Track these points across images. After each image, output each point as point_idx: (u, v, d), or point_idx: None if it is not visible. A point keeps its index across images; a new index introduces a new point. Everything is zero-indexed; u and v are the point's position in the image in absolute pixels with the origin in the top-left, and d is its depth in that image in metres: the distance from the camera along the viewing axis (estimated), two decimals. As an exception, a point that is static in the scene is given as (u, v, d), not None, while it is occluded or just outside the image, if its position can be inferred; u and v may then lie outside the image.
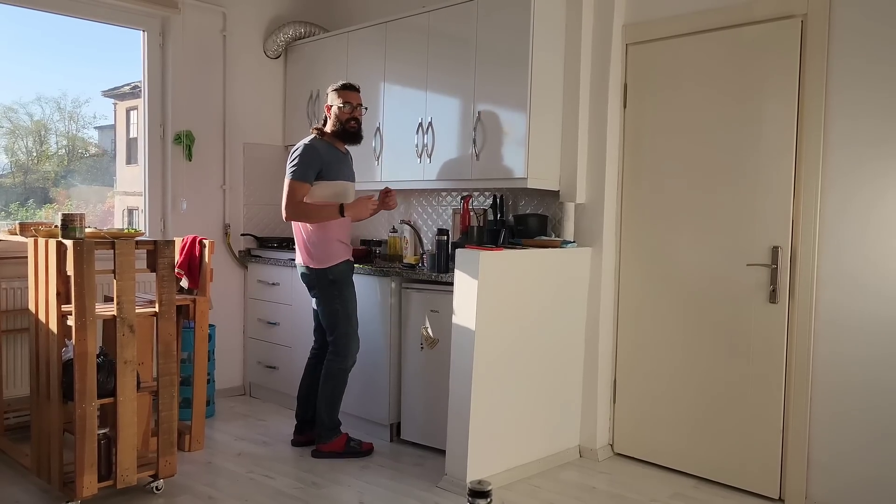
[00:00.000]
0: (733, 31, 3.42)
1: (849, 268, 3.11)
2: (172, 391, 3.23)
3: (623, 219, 3.83)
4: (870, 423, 3.06)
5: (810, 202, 3.20)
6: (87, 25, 4.42)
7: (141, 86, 4.62)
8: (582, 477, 3.59)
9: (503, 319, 3.43)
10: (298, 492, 3.33)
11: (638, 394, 3.80)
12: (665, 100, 3.66)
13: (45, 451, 3.16)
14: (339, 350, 3.74)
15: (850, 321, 3.11)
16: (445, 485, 3.39)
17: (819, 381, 3.19)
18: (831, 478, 3.16)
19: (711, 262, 3.52)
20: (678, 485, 3.50)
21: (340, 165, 3.74)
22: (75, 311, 2.90)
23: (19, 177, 4.50)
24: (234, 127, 4.91)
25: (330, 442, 3.74)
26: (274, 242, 4.93)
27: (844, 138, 3.11)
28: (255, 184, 5.04)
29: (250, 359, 4.96)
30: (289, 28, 4.96)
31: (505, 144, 3.76)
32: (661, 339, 3.70)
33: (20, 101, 4.37)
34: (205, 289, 3.73)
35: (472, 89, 3.89)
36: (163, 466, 3.22)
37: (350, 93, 3.74)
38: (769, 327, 3.32)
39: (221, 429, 4.23)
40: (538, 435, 3.65)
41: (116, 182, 4.85)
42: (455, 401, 3.37)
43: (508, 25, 3.71)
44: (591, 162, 3.81)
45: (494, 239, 3.85)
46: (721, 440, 3.48)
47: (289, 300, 4.60)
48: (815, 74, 3.17)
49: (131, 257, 3.03)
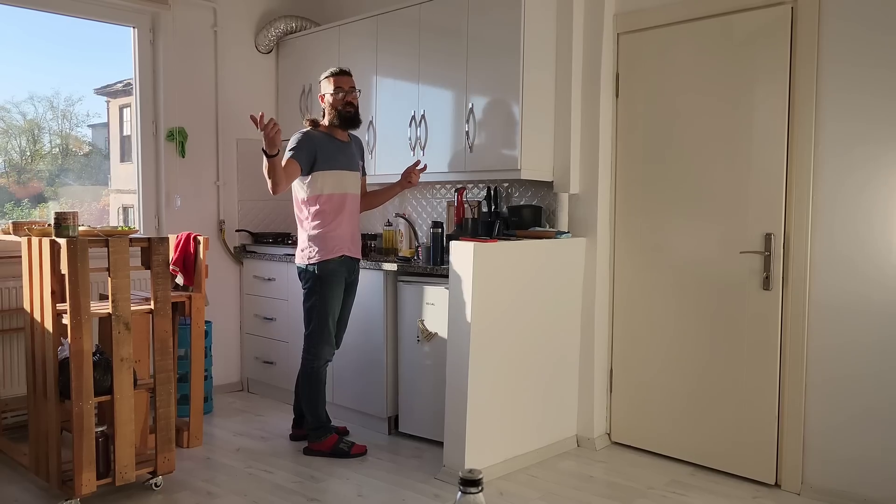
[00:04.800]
0: (724, 19, 3.42)
1: (842, 253, 3.12)
2: (170, 388, 3.24)
3: (617, 208, 3.84)
4: (865, 408, 3.08)
5: (802, 188, 3.20)
6: (78, 23, 4.40)
7: (133, 83, 4.61)
8: (579, 466, 3.60)
9: (499, 311, 3.43)
10: (297, 486, 3.35)
11: (634, 383, 3.81)
12: (657, 89, 3.66)
13: (43, 450, 3.16)
14: (309, 347, 3.72)
15: (843, 307, 3.12)
16: (444, 476, 3.40)
17: (813, 366, 3.21)
18: (827, 462, 3.18)
19: (705, 250, 3.52)
20: (675, 472, 3.52)
21: (337, 154, 3.67)
22: (70, 310, 2.90)
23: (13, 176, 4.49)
24: (226, 123, 4.90)
25: (318, 442, 3.73)
26: (269, 238, 4.93)
27: (835, 124, 3.11)
28: (249, 179, 5.03)
29: (247, 354, 4.96)
30: (280, 22, 4.94)
31: (498, 136, 3.76)
32: (657, 328, 3.71)
33: (12, 101, 4.36)
34: (200, 285, 3.73)
35: (465, 81, 3.89)
36: (161, 463, 3.22)
37: (341, 77, 3.68)
38: (763, 314, 3.34)
39: (219, 425, 4.24)
40: (535, 425, 3.67)
41: (111, 180, 4.84)
42: (452, 393, 3.38)
43: (500, 17, 3.70)
44: (584, 152, 3.81)
45: (489, 231, 3.85)
46: (717, 427, 3.50)
47: (285, 295, 4.61)
48: (805, 61, 3.17)
49: (125, 255, 3.03)
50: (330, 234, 3.65)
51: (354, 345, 4.08)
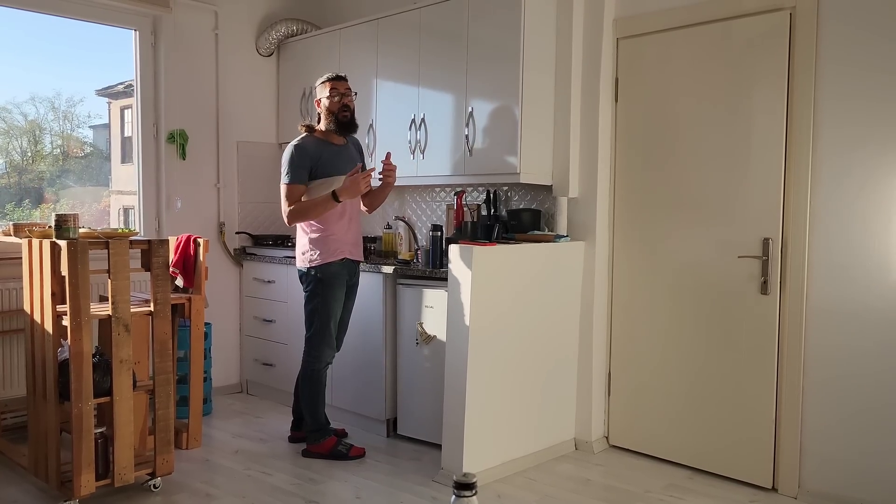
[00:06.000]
0: (723, 25, 3.43)
1: (839, 257, 3.13)
2: (169, 390, 3.25)
3: (616, 212, 3.85)
4: (861, 412, 3.09)
5: (800, 193, 3.21)
6: (79, 25, 4.42)
7: (134, 85, 4.62)
8: (577, 469, 3.61)
9: (497, 314, 3.44)
10: (295, 488, 3.35)
11: (632, 386, 3.82)
12: (656, 93, 3.67)
13: (42, 451, 3.17)
14: (310, 350, 3.73)
15: (841, 311, 3.13)
16: (442, 479, 3.41)
17: (811, 371, 3.22)
18: (824, 467, 3.19)
19: (704, 254, 3.53)
20: (672, 476, 3.52)
21: (334, 160, 3.68)
22: (70, 312, 2.91)
23: (14, 177, 4.50)
24: (227, 125, 4.91)
25: (317, 444, 3.74)
26: (269, 240, 4.94)
27: (833, 129, 3.13)
28: (250, 182, 5.05)
29: (247, 356, 4.97)
30: (281, 26, 4.96)
31: (498, 140, 3.77)
32: (655, 332, 3.72)
33: (14, 101, 4.37)
34: (200, 287, 3.73)
35: (465, 85, 3.90)
36: (160, 464, 3.23)
37: (336, 82, 3.67)
38: (761, 318, 3.34)
39: (218, 426, 4.24)
40: (533, 428, 3.67)
41: (112, 181, 4.85)
42: (450, 395, 3.39)
43: (499, 21, 3.71)
44: (583, 156, 3.82)
45: (488, 234, 3.86)
46: (715, 431, 3.51)
47: (284, 297, 4.62)
48: (804, 66, 3.18)
49: (125, 257, 3.04)
50: (331, 237, 3.66)
51: (354, 347, 4.08)
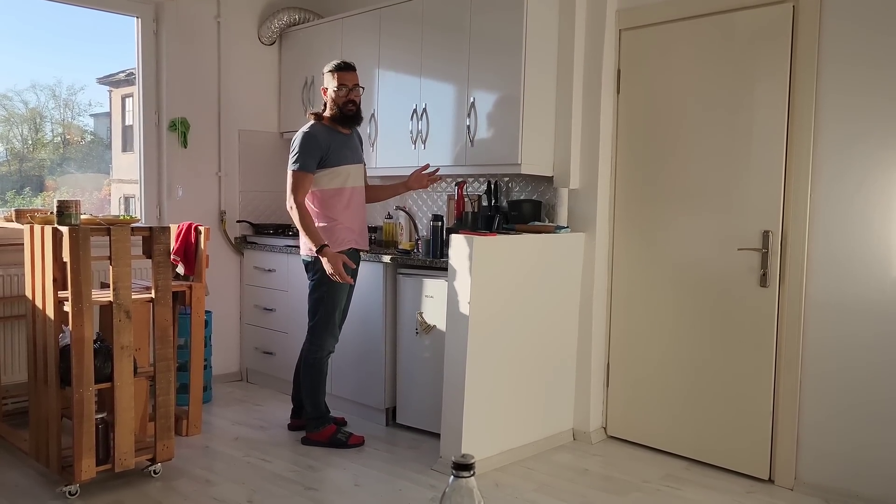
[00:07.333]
0: (726, 17, 3.43)
1: (839, 251, 3.14)
2: (169, 376, 3.26)
3: (616, 204, 3.85)
4: (859, 405, 3.10)
5: (801, 186, 3.22)
6: (81, 12, 4.41)
7: (136, 73, 4.62)
8: (575, 459, 3.63)
9: (497, 304, 3.46)
10: (294, 475, 3.37)
11: (631, 377, 3.83)
12: (658, 85, 3.67)
13: (43, 436, 3.19)
14: (313, 338, 3.74)
15: (840, 304, 3.14)
16: (440, 467, 3.43)
17: (809, 363, 3.23)
18: (820, 458, 3.21)
19: (703, 246, 3.54)
20: (670, 466, 3.54)
21: (343, 149, 3.67)
22: (72, 298, 2.92)
23: (15, 164, 4.50)
24: (228, 114, 4.91)
25: (316, 431, 3.75)
26: (270, 229, 4.95)
27: (834, 123, 3.13)
28: (251, 170, 5.05)
29: (247, 345, 4.99)
30: (283, 14, 4.95)
31: (499, 130, 3.77)
32: (654, 323, 3.73)
33: (15, 89, 4.37)
34: (201, 275, 3.75)
35: (466, 76, 3.90)
36: (160, 450, 3.25)
37: (345, 74, 3.64)
38: (760, 311, 3.36)
39: (218, 414, 4.26)
40: (532, 418, 3.69)
41: (113, 169, 4.85)
42: (450, 385, 3.40)
43: (502, 12, 3.71)
44: (584, 148, 3.83)
45: (489, 224, 3.87)
46: (712, 422, 3.52)
47: (285, 286, 4.63)
48: (806, 60, 3.18)
49: (127, 244, 3.05)
50: (338, 227, 3.66)
51: (354, 336, 4.10)
